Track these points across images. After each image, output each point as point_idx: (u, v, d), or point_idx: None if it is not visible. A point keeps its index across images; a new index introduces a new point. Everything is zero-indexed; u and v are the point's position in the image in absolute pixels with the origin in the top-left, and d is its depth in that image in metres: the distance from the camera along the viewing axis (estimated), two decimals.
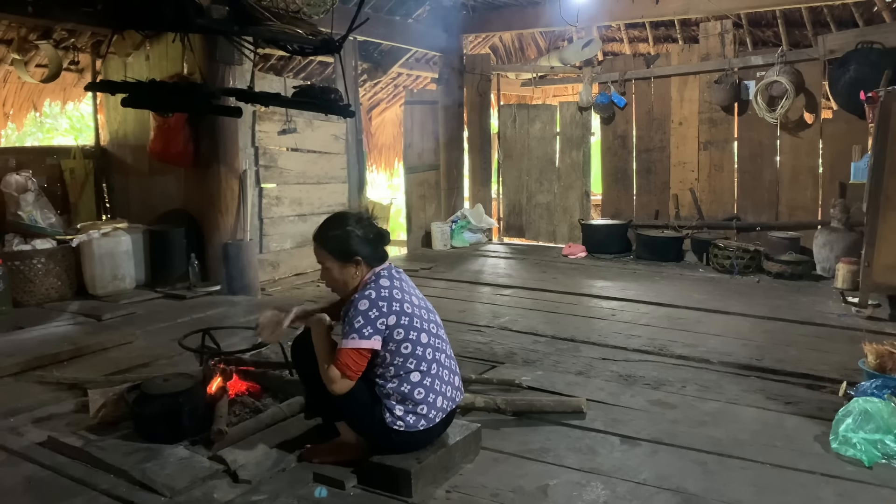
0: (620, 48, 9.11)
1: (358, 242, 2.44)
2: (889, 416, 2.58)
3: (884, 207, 4.43)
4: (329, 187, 6.74)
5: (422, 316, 2.42)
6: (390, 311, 2.33)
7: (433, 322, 2.48)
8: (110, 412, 2.77)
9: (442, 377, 2.42)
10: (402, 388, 2.34)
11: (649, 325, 4.54)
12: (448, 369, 2.47)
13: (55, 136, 12.04)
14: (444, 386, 2.42)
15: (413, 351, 2.34)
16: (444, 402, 2.41)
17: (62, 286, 5.18)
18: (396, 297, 2.38)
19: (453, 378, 2.49)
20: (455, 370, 2.53)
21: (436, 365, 2.40)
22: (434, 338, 2.43)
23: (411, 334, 2.35)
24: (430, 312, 2.51)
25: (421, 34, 7.88)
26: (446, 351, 2.50)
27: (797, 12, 7.22)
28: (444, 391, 2.41)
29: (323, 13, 3.22)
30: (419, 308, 2.44)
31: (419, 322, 2.39)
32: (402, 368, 2.34)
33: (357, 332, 2.28)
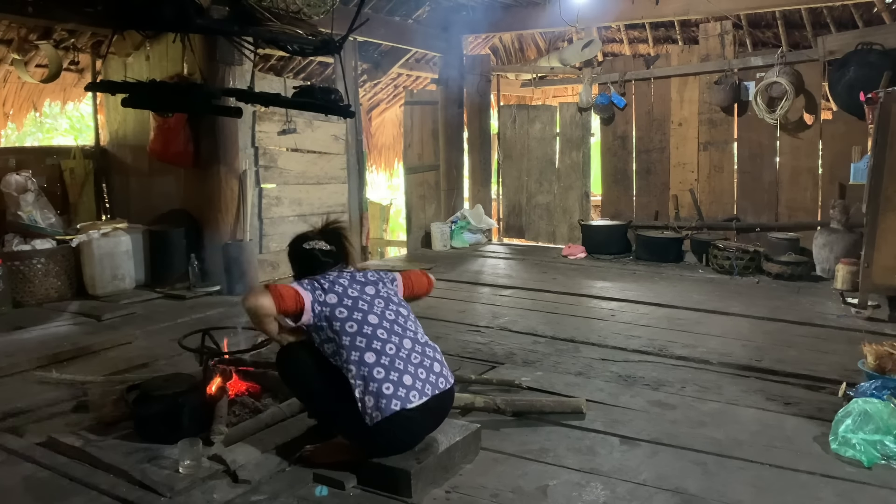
0: (620, 49, 9.12)
1: (294, 262, 2.70)
2: (888, 416, 2.58)
3: (883, 208, 4.43)
4: (329, 188, 6.74)
5: (371, 302, 2.49)
6: (331, 291, 2.46)
7: (391, 311, 2.52)
8: (110, 412, 2.77)
9: (406, 359, 2.40)
10: (361, 372, 2.33)
11: (649, 326, 4.55)
12: (417, 354, 2.45)
13: (55, 136, 12.04)
14: (412, 367, 2.39)
15: (360, 329, 2.39)
16: (414, 382, 2.36)
17: (62, 286, 5.18)
18: (339, 282, 2.50)
19: (428, 364, 2.46)
20: (433, 358, 2.50)
21: (393, 346, 2.40)
22: (390, 323, 2.47)
23: (355, 314, 2.42)
24: (390, 303, 2.55)
25: (421, 35, 7.89)
26: (413, 338, 2.49)
27: (797, 13, 7.23)
28: (412, 371, 2.38)
29: (323, 14, 3.22)
30: (371, 297, 2.51)
31: (366, 305, 2.47)
32: (353, 348, 2.36)
33: (296, 282, 2.50)
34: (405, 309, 2.60)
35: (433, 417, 2.46)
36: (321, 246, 2.62)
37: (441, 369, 2.51)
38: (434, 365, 2.49)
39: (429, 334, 4.14)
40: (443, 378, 2.49)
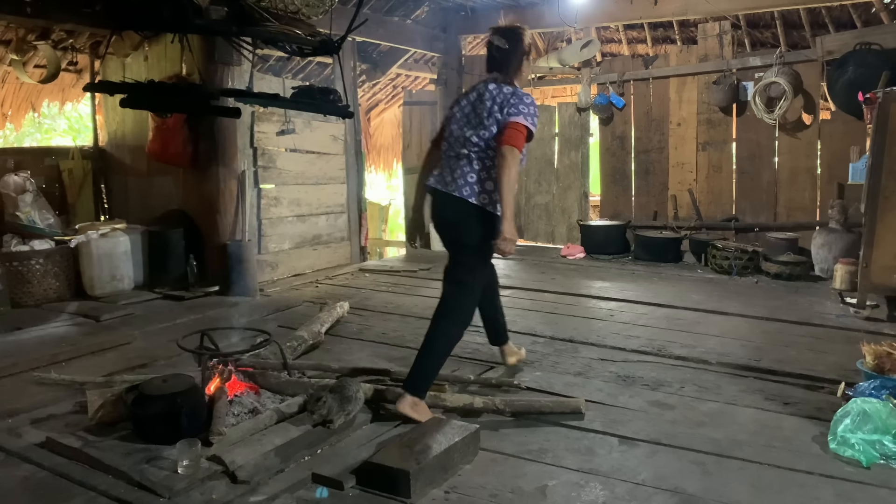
0: (619, 49, 9.12)
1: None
2: (887, 416, 2.58)
3: (882, 208, 4.44)
4: (328, 188, 6.74)
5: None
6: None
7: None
8: (109, 413, 2.77)
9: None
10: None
11: (648, 326, 4.55)
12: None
13: (53, 136, 12.03)
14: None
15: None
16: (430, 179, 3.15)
17: (60, 287, 5.17)
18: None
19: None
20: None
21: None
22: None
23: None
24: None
25: (420, 35, 7.89)
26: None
27: (795, 13, 7.23)
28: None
29: (321, 14, 3.22)
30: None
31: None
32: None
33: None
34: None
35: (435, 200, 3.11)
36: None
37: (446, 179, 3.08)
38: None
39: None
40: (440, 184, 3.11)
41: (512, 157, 2.90)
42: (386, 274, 6.50)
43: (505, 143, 2.93)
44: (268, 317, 4.83)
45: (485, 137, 2.99)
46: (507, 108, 2.98)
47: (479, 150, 3.01)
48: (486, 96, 3.04)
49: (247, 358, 3.23)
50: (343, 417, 2.79)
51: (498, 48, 3.12)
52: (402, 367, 3.57)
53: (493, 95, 3.03)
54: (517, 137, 2.94)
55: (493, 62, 3.15)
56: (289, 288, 5.88)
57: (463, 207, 2.98)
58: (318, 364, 3.48)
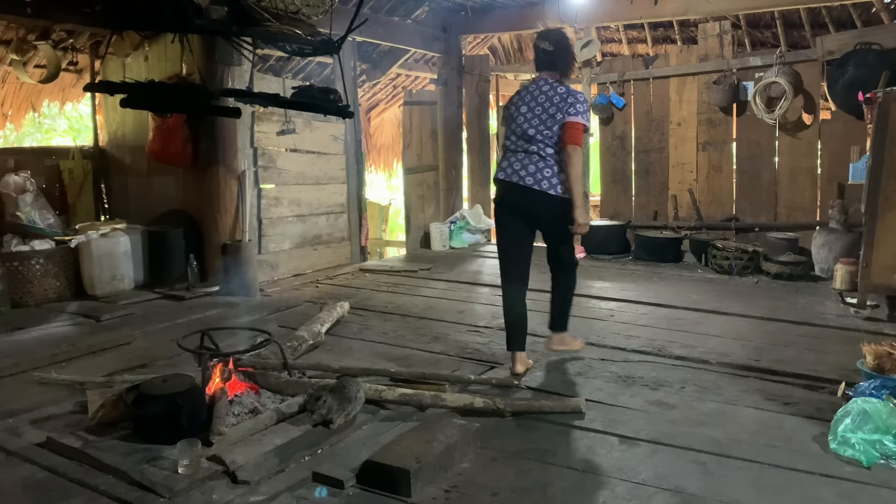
0: (619, 49, 9.12)
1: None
2: (887, 416, 2.58)
3: (882, 208, 4.43)
4: (328, 188, 6.74)
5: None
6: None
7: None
8: (109, 413, 2.77)
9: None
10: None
11: (648, 326, 4.55)
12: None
13: (54, 136, 12.03)
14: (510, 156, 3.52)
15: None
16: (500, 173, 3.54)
17: (61, 287, 5.17)
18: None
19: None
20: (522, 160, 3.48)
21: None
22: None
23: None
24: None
25: (420, 35, 7.89)
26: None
27: (796, 13, 7.23)
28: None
29: (322, 14, 3.22)
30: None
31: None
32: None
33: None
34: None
35: (512, 192, 3.49)
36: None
37: (521, 174, 3.47)
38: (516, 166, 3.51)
39: (428, 335, 4.16)
40: (517, 177, 3.47)
41: (576, 155, 3.40)
42: (386, 274, 6.50)
43: (569, 142, 3.38)
44: (268, 317, 4.83)
45: (549, 136, 3.42)
46: (565, 107, 3.41)
47: (547, 146, 3.43)
48: (543, 97, 3.47)
49: (247, 358, 3.24)
50: (343, 417, 2.79)
51: (544, 50, 3.56)
52: (403, 366, 3.58)
53: (549, 96, 3.46)
54: (578, 136, 3.40)
55: (541, 63, 3.60)
56: (289, 288, 5.88)
57: (550, 200, 3.43)
58: (319, 364, 3.49)
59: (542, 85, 3.51)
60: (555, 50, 3.54)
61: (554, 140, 3.42)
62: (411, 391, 3.07)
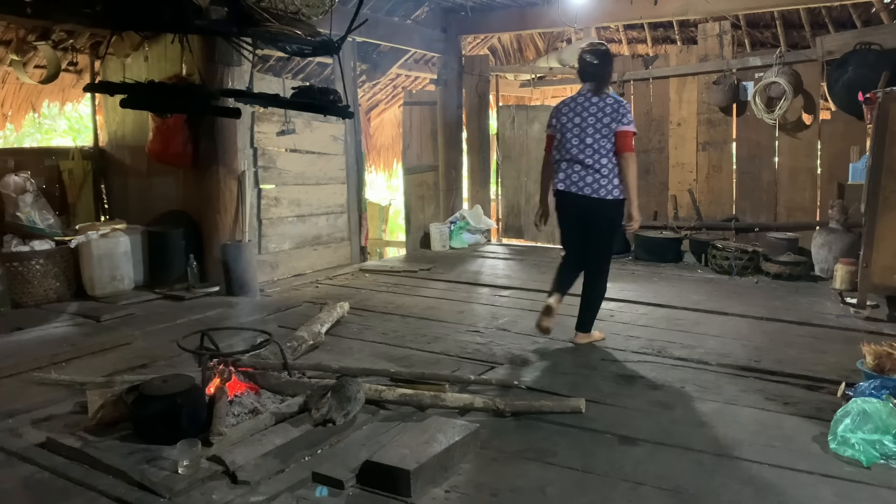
0: (619, 49, 9.11)
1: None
2: (887, 416, 2.58)
3: (882, 208, 4.44)
4: (328, 188, 6.75)
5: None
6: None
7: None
8: (109, 413, 2.77)
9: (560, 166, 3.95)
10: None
11: (648, 326, 4.55)
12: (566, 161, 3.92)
13: (54, 136, 12.03)
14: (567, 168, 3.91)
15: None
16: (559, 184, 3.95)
17: (61, 287, 5.17)
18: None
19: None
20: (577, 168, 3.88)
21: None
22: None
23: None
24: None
25: (420, 35, 7.89)
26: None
27: (795, 13, 7.23)
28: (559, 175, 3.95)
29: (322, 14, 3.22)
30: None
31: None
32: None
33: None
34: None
35: (572, 201, 3.91)
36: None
37: (580, 183, 3.90)
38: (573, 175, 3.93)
39: (428, 335, 4.16)
40: (576, 188, 3.91)
41: (632, 161, 3.84)
42: (386, 274, 6.50)
43: (624, 150, 3.81)
44: (268, 317, 4.83)
45: (604, 144, 3.82)
46: (617, 118, 3.82)
47: (601, 155, 3.82)
48: (594, 108, 3.87)
49: (247, 358, 3.23)
50: (343, 417, 2.79)
51: (591, 63, 3.97)
52: (403, 367, 3.58)
53: (600, 107, 3.86)
54: (630, 143, 3.83)
55: (587, 74, 4.00)
56: (289, 288, 5.89)
57: (607, 205, 3.85)
58: (319, 364, 3.48)
59: (591, 97, 3.91)
60: (600, 62, 3.95)
61: (608, 148, 3.82)
62: (411, 391, 3.07)
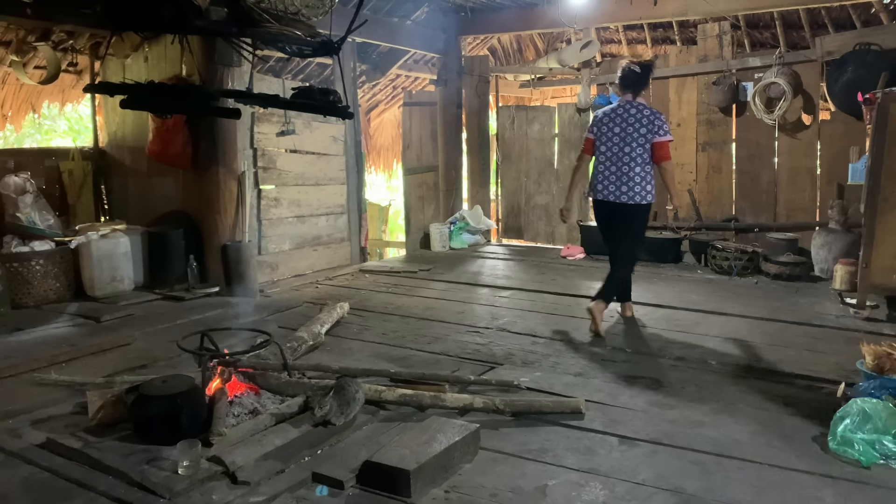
0: (619, 49, 9.13)
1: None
2: (887, 416, 2.59)
3: (881, 209, 4.44)
4: (328, 189, 6.75)
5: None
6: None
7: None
8: (109, 414, 2.77)
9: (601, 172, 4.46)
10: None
11: (648, 327, 4.55)
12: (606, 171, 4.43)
13: (54, 137, 12.03)
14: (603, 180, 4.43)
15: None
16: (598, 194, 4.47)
17: (61, 288, 5.17)
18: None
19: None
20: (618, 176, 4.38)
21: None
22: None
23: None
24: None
25: (419, 36, 7.89)
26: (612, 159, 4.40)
27: (795, 14, 7.24)
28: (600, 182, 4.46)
29: (322, 15, 3.22)
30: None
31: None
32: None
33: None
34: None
35: (610, 209, 4.48)
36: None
37: (618, 189, 4.42)
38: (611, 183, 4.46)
39: (428, 335, 4.17)
40: (613, 196, 4.44)
41: (669, 167, 4.43)
42: (386, 274, 6.51)
43: (663, 159, 4.35)
44: (268, 317, 4.83)
45: (641, 153, 4.32)
46: (654, 129, 4.29)
47: (639, 163, 4.34)
48: (633, 119, 4.35)
49: (247, 359, 3.23)
50: (343, 418, 2.79)
51: (633, 72, 4.43)
52: (402, 367, 3.58)
53: (638, 118, 4.34)
54: (668, 152, 4.35)
55: (627, 83, 4.45)
56: (289, 289, 5.89)
57: (641, 209, 4.43)
58: (319, 365, 3.48)
59: (630, 108, 4.39)
60: (642, 72, 4.44)
61: (645, 157, 4.33)
62: (411, 392, 3.07)
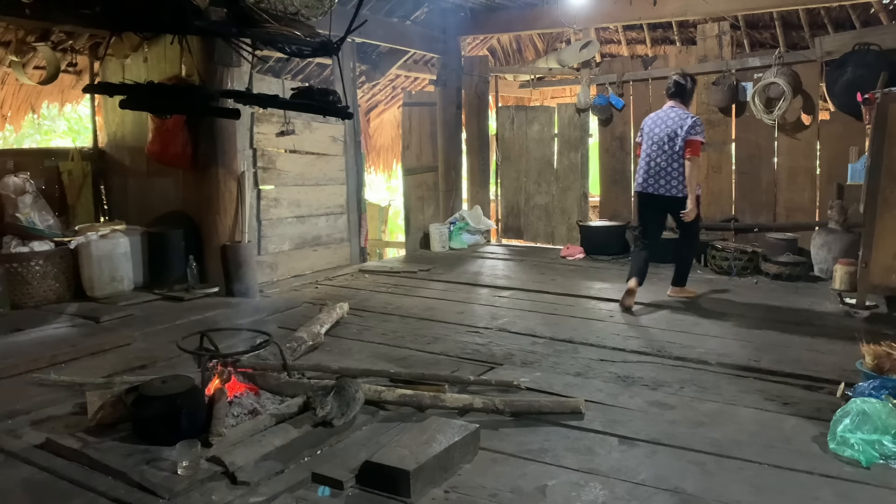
0: (618, 50, 9.13)
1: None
2: (887, 416, 2.59)
3: (881, 209, 4.44)
4: (327, 189, 6.75)
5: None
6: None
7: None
8: (108, 414, 2.77)
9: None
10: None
11: (647, 327, 4.55)
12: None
13: (53, 137, 12.03)
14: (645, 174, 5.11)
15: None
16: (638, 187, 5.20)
17: (60, 288, 5.17)
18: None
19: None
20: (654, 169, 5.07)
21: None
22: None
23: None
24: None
25: (419, 36, 7.89)
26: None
27: (794, 14, 7.24)
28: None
29: (321, 15, 3.22)
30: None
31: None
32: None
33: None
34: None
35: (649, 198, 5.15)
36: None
37: (656, 180, 5.09)
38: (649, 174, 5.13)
39: (427, 335, 4.17)
40: (651, 188, 5.11)
41: (692, 164, 4.96)
42: (385, 275, 6.51)
43: (688, 155, 4.92)
44: (267, 318, 4.83)
45: (677, 150, 4.94)
46: (689, 129, 4.90)
47: (673, 160, 4.96)
48: (672, 124, 4.99)
49: (246, 359, 3.23)
50: (342, 418, 2.79)
51: (678, 83, 5.14)
52: (402, 367, 3.58)
53: (676, 121, 4.98)
54: (696, 149, 4.94)
55: (674, 92, 5.15)
56: (288, 289, 5.89)
57: (678, 200, 4.99)
58: (318, 365, 3.49)
59: (670, 112, 5.05)
60: (685, 84, 5.13)
61: (679, 154, 4.92)
62: (411, 392, 3.07)
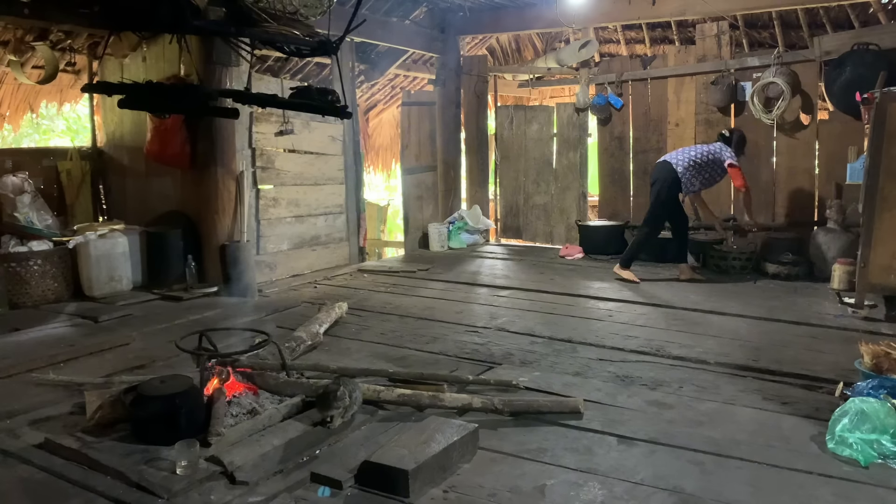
0: (617, 49, 9.13)
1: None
2: (885, 416, 2.59)
3: (880, 208, 4.44)
4: (326, 188, 6.74)
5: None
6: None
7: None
8: (107, 414, 2.77)
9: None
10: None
11: (646, 326, 4.55)
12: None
13: (52, 137, 12.02)
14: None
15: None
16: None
17: (59, 288, 5.17)
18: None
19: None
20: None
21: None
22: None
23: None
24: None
25: (418, 35, 7.89)
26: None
27: (793, 14, 7.24)
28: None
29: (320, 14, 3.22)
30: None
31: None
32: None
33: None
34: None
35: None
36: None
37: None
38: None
39: (426, 335, 4.17)
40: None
41: (737, 184, 5.84)
42: (384, 274, 6.50)
43: (732, 179, 5.85)
44: (266, 317, 4.83)
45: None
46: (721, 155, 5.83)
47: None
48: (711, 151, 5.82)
49: (245, 359, 3.23)
50: (341, 418, 2.79)
51: (721, 134, 5.82)
52: (401, 367, 3.58)
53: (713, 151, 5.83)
54: (734, 174, 5.71)
55: (721, 138, 5.86)
56: (287, 289, 5.88)
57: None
58: (317, 365, 3.48)
59: (713, 145, 5.79)
60: (729, 136, 5.80)
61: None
62: (409, 391, 3.07)
